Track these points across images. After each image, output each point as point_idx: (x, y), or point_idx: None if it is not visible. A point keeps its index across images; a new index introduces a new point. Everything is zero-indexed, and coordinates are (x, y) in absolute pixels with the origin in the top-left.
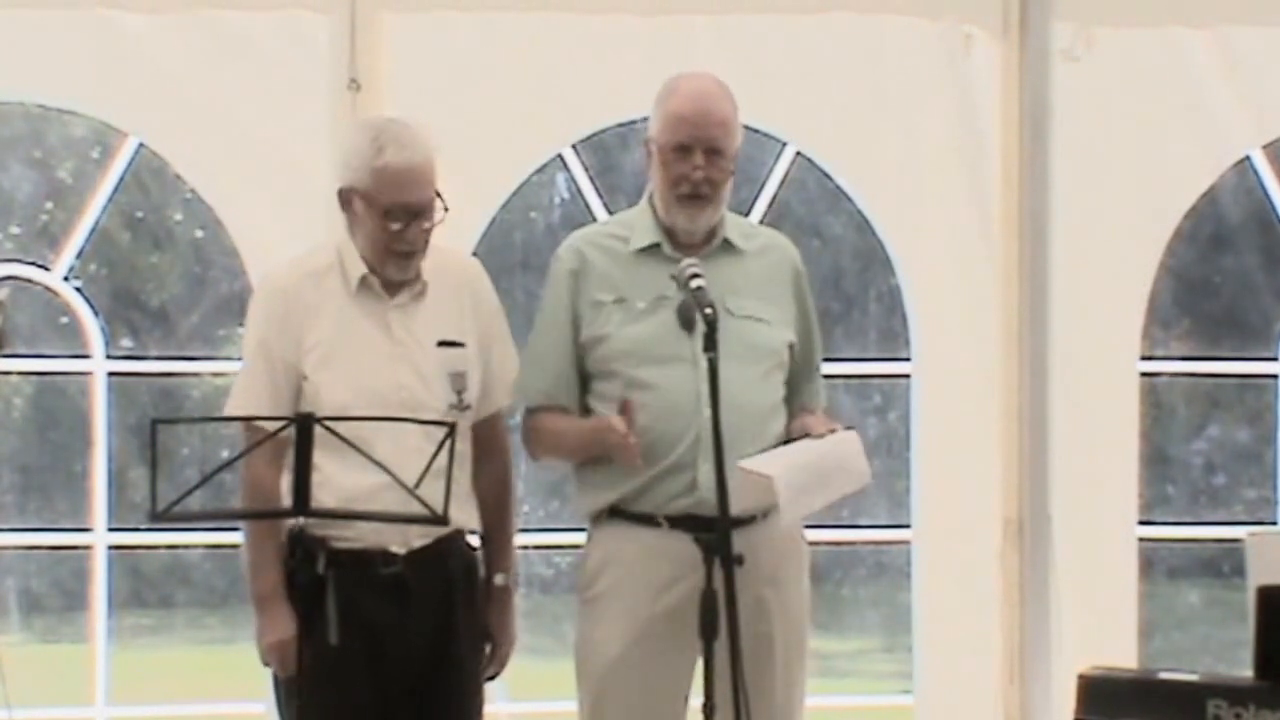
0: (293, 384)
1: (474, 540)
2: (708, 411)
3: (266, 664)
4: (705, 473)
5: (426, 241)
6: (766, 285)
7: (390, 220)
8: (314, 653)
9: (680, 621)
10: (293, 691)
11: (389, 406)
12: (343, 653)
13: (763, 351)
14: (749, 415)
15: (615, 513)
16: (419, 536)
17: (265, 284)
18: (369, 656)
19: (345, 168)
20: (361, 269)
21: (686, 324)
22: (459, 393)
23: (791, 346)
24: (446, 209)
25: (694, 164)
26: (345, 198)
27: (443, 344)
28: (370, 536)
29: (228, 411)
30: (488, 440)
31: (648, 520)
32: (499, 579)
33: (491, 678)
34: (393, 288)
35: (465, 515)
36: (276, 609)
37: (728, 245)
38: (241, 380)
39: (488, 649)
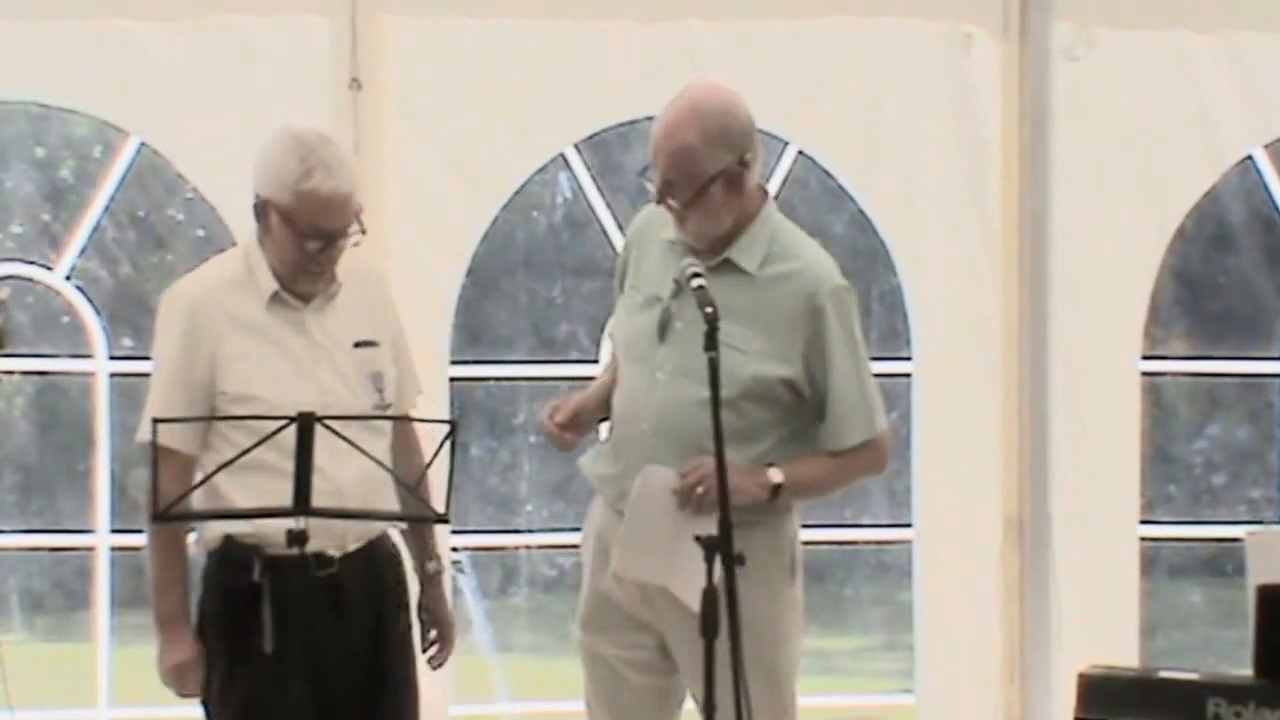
0: (207, 401)
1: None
2: (644, 425)
3: (166, 684)
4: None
5: (336, 260)
6: (765, 315)
7: (307, 241)
8: (251, 661)
9: (629, 606)
10: (230, 701)
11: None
12: (280, 659)
13: (725, 379)
14: (681, 435)
15: (600, 496)
16: (354, 539)
17: (172, 299)
18: (307, 661)
19: (265, 179)
20: (273, 285)
21: (661, 334)
22: (380, 391)
23: (786, 382)
24: (364, 231)
25: (657, 185)
26: (262, 209)
27: (359, 344)
28: (310, 543)
29: (143, 426)
30: (405, 435)
31: (614, 509)
32: (431, 565)
33: (439, 665)
34: (305, 295)
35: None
36: (179, 630)
37: (730, 265)
38: (155, 398)
39: (433, 634)
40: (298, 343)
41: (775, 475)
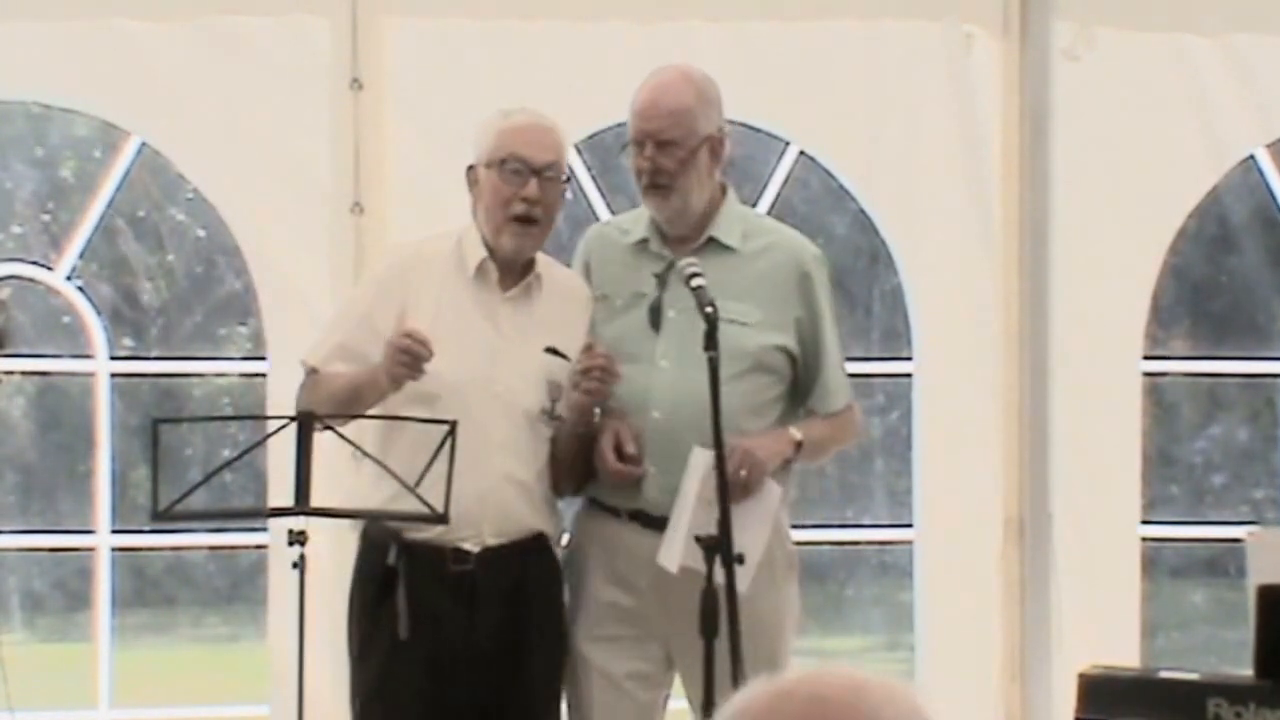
0: (373, 347)
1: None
2: (655, 414)
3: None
4: (651, 475)
5: (549, 217)
6: (758, 287)
7: (508, 171)
8: (382, 645)
9: (641, 613)
10: (358, 684)
11: (482, 398)
12: (408, 648)
13: (734, 354)
14: (698, 417)
15: (591, 501)
16: (492, 535)
17: (388, 252)
18: (434, 653)
19: (475, 147)
20: (481, 253)
21: (655, 323)
22: (554, 401)
23: (784, 350)
24: (569, 178)
25: (645, 155)
26: (472, 176)
27: (548, 350)
28: (445, 532)
29: (311, 348)
30: None
31: (613, 512)
32: None
33: None
34: (508, 279)
35: (546, 522)
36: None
37: (715, 244)
38: (328, 323)
39: None
40: (484, 328)
41: (796, 434)
